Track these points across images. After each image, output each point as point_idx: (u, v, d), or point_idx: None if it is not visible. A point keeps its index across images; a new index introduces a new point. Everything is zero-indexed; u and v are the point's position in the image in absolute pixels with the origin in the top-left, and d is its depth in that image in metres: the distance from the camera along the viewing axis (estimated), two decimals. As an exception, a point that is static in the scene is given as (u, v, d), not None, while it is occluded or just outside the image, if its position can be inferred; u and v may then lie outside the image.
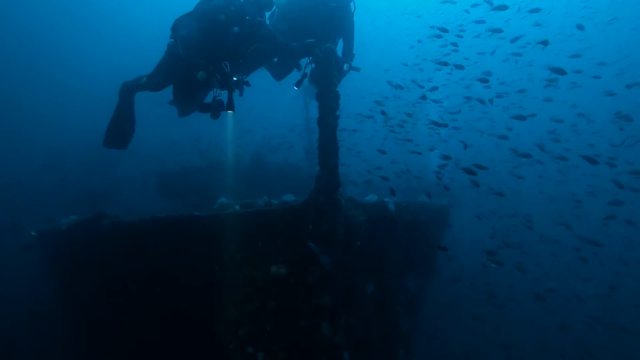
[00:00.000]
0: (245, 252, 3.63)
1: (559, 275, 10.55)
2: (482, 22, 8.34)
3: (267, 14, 5.71)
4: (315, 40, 4.39)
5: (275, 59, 5.89)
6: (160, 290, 3.90)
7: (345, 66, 5.42)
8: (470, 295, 9.25)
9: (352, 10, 5.42)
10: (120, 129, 5.09)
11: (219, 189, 9.87)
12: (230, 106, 4.72)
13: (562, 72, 5.83)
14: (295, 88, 5.29)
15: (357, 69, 5.46)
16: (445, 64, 6.80)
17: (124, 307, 4.26)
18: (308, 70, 5.51)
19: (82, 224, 4.75)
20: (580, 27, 7.44)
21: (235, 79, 4.61)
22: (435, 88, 7.20)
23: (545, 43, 6.50)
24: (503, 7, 7.35)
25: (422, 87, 8.02)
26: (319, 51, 3.35)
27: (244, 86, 4.78)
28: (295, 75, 5.94)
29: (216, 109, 4.75)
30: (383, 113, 6.63)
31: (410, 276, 5.31)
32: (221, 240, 3.72)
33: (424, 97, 7.34)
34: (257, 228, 3.61)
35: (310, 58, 5.45)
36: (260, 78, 6.51)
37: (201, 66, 4.34)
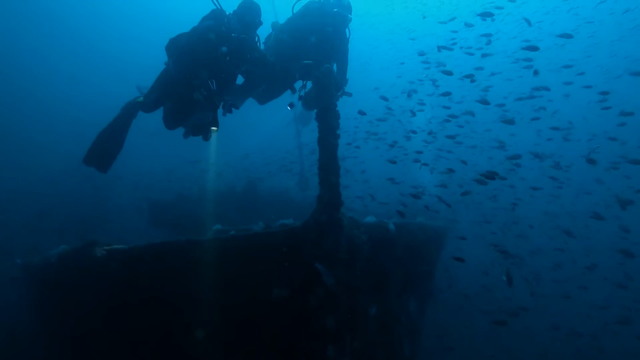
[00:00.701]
0: (245, 276, 3.55)
1: (561, 287, 10.49)
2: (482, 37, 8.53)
3: (263, 38, 5.82)
4: (312, 62, 4.46)
5: (262, 87, 5.94)
6: (158, 317, 3.77)
7: (340, 91, 5.48)
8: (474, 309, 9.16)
9: (348, 36, 5.53)
10: (106, 144, 5.04)
11: (211, 217, 9.78)
12: (215, 122, 4.75)
13: (535, 48, 6.00)
14: (289, 108, 5.33)
15: (349, 94, 5.53)
16: (449, 73, 6.89)
17: (120, 336, 4.09)
18: (303, 93, 5.55)
19: (74, 252, 4.62)
20: (567, 36, 7.59)
21: (224, 99, 4.67)
22: (447, 93, 7.25)
23: (534, 49, 6.65)
24: (489, 14, 7.61)
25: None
26: (318, 72, 3.40)
27: (232, 108, 4.83)
28: (282, 98, 5.99)
29: (202, 127, 4.76)
30: (361, 112, 6.57)
31: (410, 298, 5.23)
32: (220, 265, 3.64)
33: (409, 95, 7.36)
34: (257, 251, 3.54)
35: (304, 81, 5.51)
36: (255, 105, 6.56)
37: (191, 84, 4.40)
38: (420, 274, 5.45)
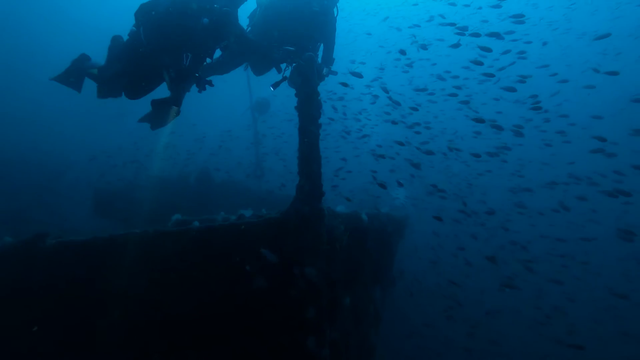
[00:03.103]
0: (221, 269, 3.42)
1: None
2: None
3: (249, 14, 5.59)
4: (295, 49, 4.34)
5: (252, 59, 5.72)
6: (124, 313, 3.54)
7: (324, 70, 5.40)
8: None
9: (335, 15, 5.43)
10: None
11: (163, 207, 9.34)
12: (177, 102, 4.48)
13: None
14: (272, 89, 5.16)
15: (335, 73, 5.48)
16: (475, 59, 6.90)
17: (78, 335, 3.79)
18: (287, 74, 5.40)
19: (21, 245, 4.20)
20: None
21: (196, 75, 4.42)
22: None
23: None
24: None
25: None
26: (301, 60, 3.31)
27: (207, 85, 4.59)
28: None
29: (162, 105, 4.47)
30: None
31: (377, 287, 5.34)
32: (194, 257, 3.48)
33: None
34: (233, 242, 3.42)
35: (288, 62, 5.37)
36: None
37: (162, 58, 4.11)
38: (385, 262, 5.58)
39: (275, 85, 5.12)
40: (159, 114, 4.60)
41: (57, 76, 4.94)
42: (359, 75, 5.57)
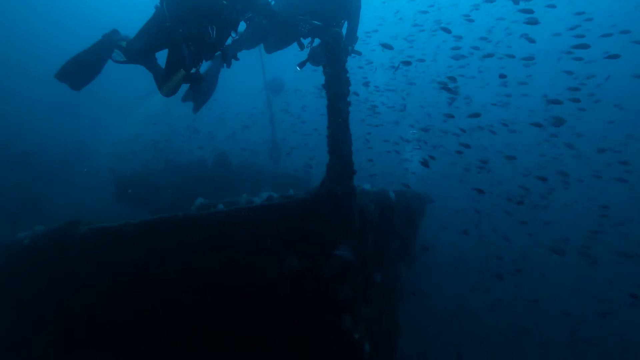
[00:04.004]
0: (253, 250, 3.43)
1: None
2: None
3: None
4: (321, 24, 4.25)
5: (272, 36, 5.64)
6: (157, 298, 3.60)
7: (349, 49, 5.29)
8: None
9: None
10: (81, 66, 4.72)
11: (183, 191, 9.42)
12: (198, 77, 4.46)
13: None
14: (298, 69, 5.08)
15: (359, 53, 5.36)
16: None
17: (112, 321, 3.88)
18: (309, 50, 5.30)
19: (54, 233, 4.27)
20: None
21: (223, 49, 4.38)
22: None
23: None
24: None
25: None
26: (327, 36, 3.23)
27: (232, 60, 4.56)
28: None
29: (190, 79, 4.46)
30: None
31: (402, 264, 5.35)
32: (225, 240, 3.50)
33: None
34: (264, 223, 3.42)
35: (312, 39, 5.26)
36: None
37: (186, 31, 4.08)
38: (410, 239, 5.57)
39: (302, 64, 5.02)
40: (194, 88, 4.65)
41: (66, 65, 4.79)
42: (389, 47, 5.44)
